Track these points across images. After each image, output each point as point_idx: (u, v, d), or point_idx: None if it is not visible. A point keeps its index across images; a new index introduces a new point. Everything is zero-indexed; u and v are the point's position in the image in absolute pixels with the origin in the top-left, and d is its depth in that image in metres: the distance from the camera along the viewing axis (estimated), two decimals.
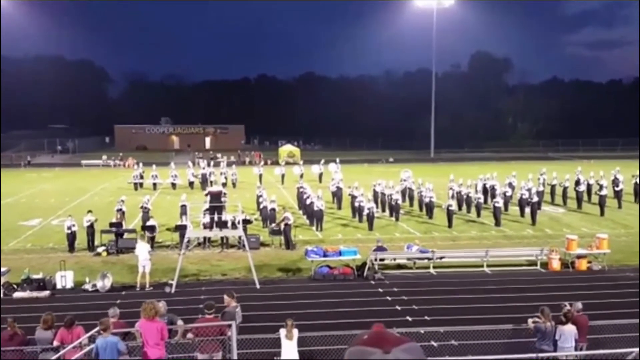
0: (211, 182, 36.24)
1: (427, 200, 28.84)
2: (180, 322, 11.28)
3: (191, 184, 39.27)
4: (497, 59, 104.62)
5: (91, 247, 22.34)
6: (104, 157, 62.12)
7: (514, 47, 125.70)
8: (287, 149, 63.30)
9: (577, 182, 32.30)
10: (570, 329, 10.65)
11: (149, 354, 9.87)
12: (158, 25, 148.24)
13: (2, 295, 16.91)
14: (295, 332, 10.84)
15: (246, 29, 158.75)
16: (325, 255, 19.14)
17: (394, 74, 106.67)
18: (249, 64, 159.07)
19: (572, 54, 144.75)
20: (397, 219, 27.93)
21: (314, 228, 26.15)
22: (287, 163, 51.28)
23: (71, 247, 22.13)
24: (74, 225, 22.11)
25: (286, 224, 22.34)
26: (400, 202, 29.18)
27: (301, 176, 37.53)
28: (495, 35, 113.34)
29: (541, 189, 31.81)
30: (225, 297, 12.08)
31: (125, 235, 22.67)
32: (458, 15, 76.37)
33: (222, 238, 22.09)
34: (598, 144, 77.61)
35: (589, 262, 19.88)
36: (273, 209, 25.51)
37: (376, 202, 29.36)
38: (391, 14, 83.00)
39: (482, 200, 29.45)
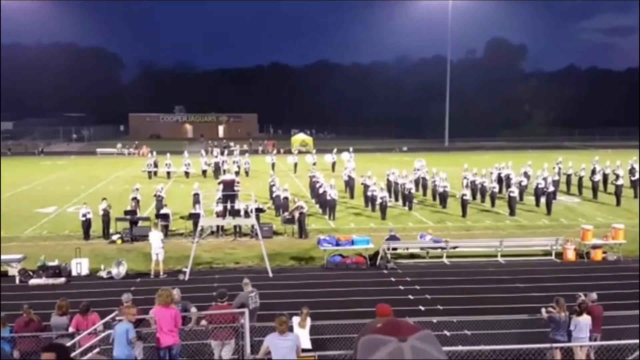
0: (224, 170, 36.32)
1: (440, 189, 28.69)
2: (193, 309, 11.38)
3: (204, 172, 39.42)
4: (513, 45, 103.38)
5: (106, 234, 22.55)
6: (119, 145, 62.46)
7: (529, 34, 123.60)
8: (299, 138, 63.19)
9: (593, 172, 31.93)
10: (585, 320, 10.58)
11: (163, 340, 9.97)
12: (171, 12, 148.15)
13: (18, 282, 17.16)
14: (308, 321, 10.88)
15: (259, 16, 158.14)
16: (337, 244, 19.14)
17: (408, 61, 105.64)
18: (261, 52, 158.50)
19: (589, 41, 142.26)
20: (410, 209, 27.83)
21: (326, 217, 26.16)
22: (300, 152, 51.24)
23: (86, 235, 22.34)
24: (89, 213, 22.31)
25: (301, 213, 22.37)
26: (413, 191, 29.06)
27: (314, 165, 37.51)
28: (511, 22, 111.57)
29: (557, 178, 31.50)
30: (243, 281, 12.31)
31: (140, 223, 22.87)
32: (474, 2, 75.47)
33: (235, 226, 22.16)
34: (615, 132, 76.52)
35: (604, 252, 19.70)
36: (286, 198, 25.53)
37: (389, 191, 29.28)
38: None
39: (496, 190, 29.23)
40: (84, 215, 22.22)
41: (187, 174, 38.99)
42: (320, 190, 27.55)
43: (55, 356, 3.40)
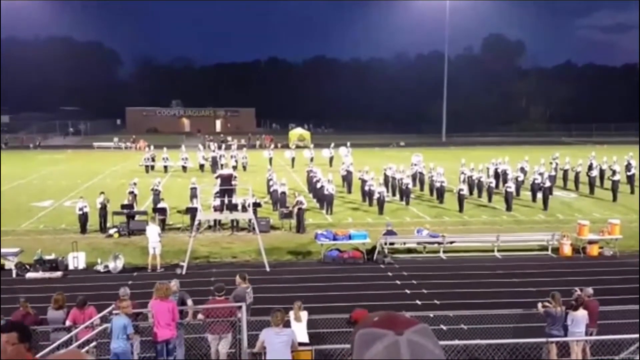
0: (222, 165, 36.27)
1: (437, 184, 28.72)
2: (190, 302, 11.38)
3: (202, 166, 39.38)
4: (510, 42, 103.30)
5: (103, 228, 22.52)
6: (116, 139, 62.35)
7: (527, 30, 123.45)
8: (297, 133, 63.08)
9: (590, 167, 32.00)
10: (581, 314, 10.62)
11: (160, 334, 9.97)
12: (168, 7, 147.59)
13: (14, 276, 17.14)
14: (305, 314, 10.90)
15: (257, 11, 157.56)
16: (335, 239, 19.16)
17: (406, 57, 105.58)
18: (259, 47, 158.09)
19: (586, 38, 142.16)
20: (407, 203, 27.86)
21: (324, 211, 26.17)
22: (297, 147, 51.19)
23: (83, 229, 22.31)
24: (86, 207, 22.28)
25: (299, 208, 22.39)
26: (410, 186, 29.08)
27: (311, 160, 37.49)
28: (509, 18, 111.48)
29: (553, 173, 31.55)
30: (237, 278, 12.20)
31: (137, 217, 22.82)
32: None
33: (232, 221, 22.16)
34: (612, 128, 76.63)
35: (601, 247, 19.76)
36: (283, 192, 25.52)
37: (387, 186, 29.29)
38: None
39: (493, 185, 29.28)
40: (81, 209, 22.19)
41: (184, 168, 38.96)
42: (318, 185, 27.55)
43: (17, 336, 3.22)
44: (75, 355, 2.47)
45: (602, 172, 32.51)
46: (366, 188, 27.81)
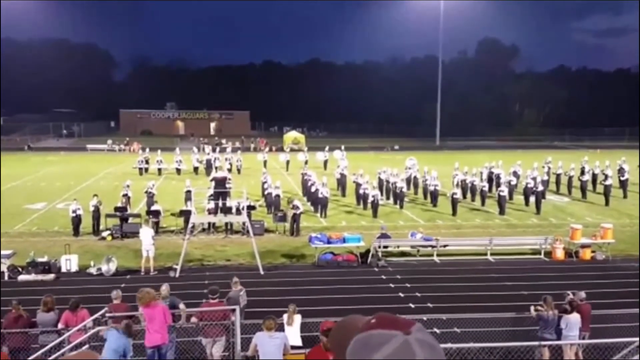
0: (216, 167, 36.22)
1: (431, 188, 28.79)
2: (182, 306, 11.34)
3: (196, 169, 39.32)
4: (505, 46, 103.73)
5: (96, 231, 22.43)
6: (109, 141, 62.17)
7: (521, 34, 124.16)
8: (291, 136, 63.05)
9: (582, 172, 32.15)
10: (575, 318, 10.67)
11: (152, 339, 9.88)
12: (163, 9, 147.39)
13: (7, 278, 17.04)
14: (298, 318, 10.90)
15: (252, 14, 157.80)
16: (329, 242, 19.17)
17: (400, 61, 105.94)
18: (254, 50, 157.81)
19: (579, 42, 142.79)
20: (401, 207, 27.91)
21: (318, 215, 26.17)
22: (292, 150, 51.18)
23: (76, 231, 22.22)
24: (79, 209, 22.19)
25: (294, 213, 22.38)
26: (404, 189, 29.13)
27: (306, 163, 37.49)
28: (503, 22, 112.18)
29: (546, 178, 31.69)
30: (233, 280, 12.25)
31: (130, 220, 22.77)
32: (465, 2, 75.62)
33: (226, 224, 22.14)
34: (605, 133, 76.98)
35: (593, 251, 19.86)
36: (277, 195, 25.52)
37: (381, 189, 29.33)
38: None
39: (486, 189, 29.38)
40: (74, 212, 22.10)
41: (178, 170, 38.88)
42: (312, 189, 27.55)
43: None
44: (88, 355, 2.48)
45: (594, 176, 32.67)
46: (360, 191, 27.84)
